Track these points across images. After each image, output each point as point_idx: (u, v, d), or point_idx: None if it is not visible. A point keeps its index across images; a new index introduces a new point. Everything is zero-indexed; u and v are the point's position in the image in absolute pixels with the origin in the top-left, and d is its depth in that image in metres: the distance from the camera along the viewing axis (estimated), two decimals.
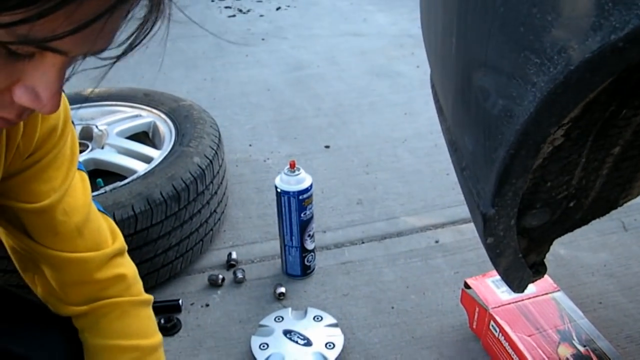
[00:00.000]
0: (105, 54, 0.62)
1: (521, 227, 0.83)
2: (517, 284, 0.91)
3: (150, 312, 1.14)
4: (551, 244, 0.95)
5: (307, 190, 1.75)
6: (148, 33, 0.61)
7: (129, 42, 0.61)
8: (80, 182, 1.04)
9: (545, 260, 1.00)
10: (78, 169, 1.03)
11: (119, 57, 0.63)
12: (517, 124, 0.67)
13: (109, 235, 1.09)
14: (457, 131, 0.85)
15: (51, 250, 1.02)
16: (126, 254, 1.12)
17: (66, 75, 0.63)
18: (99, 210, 1.09)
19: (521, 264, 0.87)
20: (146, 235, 1.72)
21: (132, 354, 1.08)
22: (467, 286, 1.63)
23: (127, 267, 1.11)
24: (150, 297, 1.14)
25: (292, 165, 1.74)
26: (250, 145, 2.61)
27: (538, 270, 0.93)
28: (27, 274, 1.08)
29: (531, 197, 0.80)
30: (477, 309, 1.61)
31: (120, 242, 1.10)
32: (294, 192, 1.73)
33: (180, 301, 1.78)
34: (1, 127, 0.65)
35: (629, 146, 0.84)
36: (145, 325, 1.13)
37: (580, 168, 0.81)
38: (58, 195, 0.98)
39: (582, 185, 0.85)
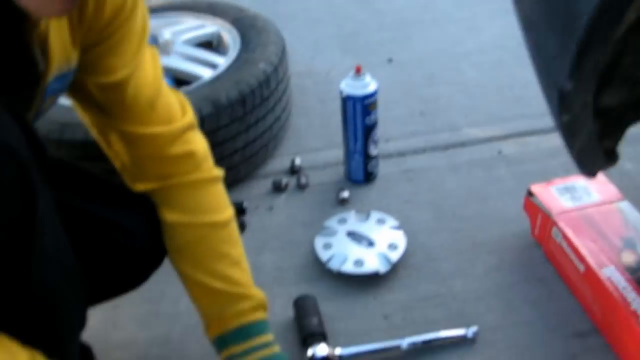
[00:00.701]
0: None
1: (597, 108, 0.83)
2: (589, 168, 0.91)
3: (220, 187, 1.18)
4: (625, 130, 0.94)
5: (372, 94, 1.75)
6: None
7: None
8: (151, 58, 1.07)
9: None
10: (149, 44, 1.06)
11: None
12: None
13: (179, 110, 1.12)
14: (534, 7, 0.84)
15: (124, 125, 1.05)
16: (197, 129, 1.15)
17: None
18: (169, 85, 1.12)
19: (595, 147, 0.87)
20: (212, 138, 1.73)
21: (205, 230, 1.13)
22: (530, 193, 1.62)
23: (198, 143, 1.14)
24: (220, 173, 1.18)
25: (358, 70, 1.74)
26: (312, 58, 2.61)
27: (611, 157, 0.93)
28: (102, 142, 1.12)
29: (610, 73, 0.79)
30: (539, 216, 1.60)
31: (190, 116, 1.13)
32: (359, 97, 1.74)
33: (244, 203, 1.82)
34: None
35: None
36: (216, 201, 1.17)
37: None
38: (130, 69, 1.01)
39: None
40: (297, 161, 1.97)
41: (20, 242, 0.80)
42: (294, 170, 1.95)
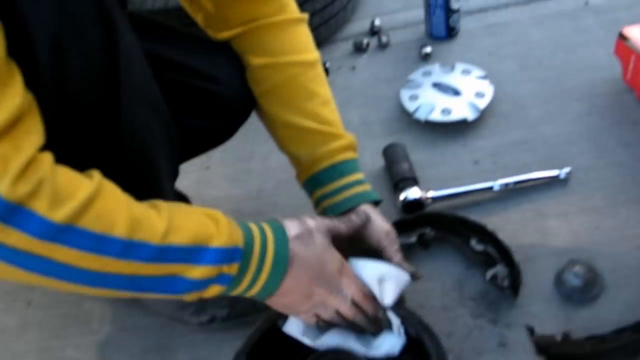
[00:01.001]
0: None
1: None
2: None
3: (306, 28, 1.15)
4: None
5: None
6: None
7: None
8: None
9: None
10: None
11: None
12: None
13: None
14: None
15: None
16: None
17: None
18: None
19: None
20: None
21: (293, 69, 1.11)
22: (623, 36, 1.56)
23: None
24: (305, 15, 1.15)
25: None
26: None
27: None
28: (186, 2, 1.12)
29: None
30: (633, 58, 1.54)
31: None
32: None
33: (327, 64, 1.82)
34: None
35: None
36: (301, 42, 1.14)
37: None
38: None
39: None
40: (377, 22, 1.95)
41: (105, 76, 0.81)
42: (374, 31, 1.94)
